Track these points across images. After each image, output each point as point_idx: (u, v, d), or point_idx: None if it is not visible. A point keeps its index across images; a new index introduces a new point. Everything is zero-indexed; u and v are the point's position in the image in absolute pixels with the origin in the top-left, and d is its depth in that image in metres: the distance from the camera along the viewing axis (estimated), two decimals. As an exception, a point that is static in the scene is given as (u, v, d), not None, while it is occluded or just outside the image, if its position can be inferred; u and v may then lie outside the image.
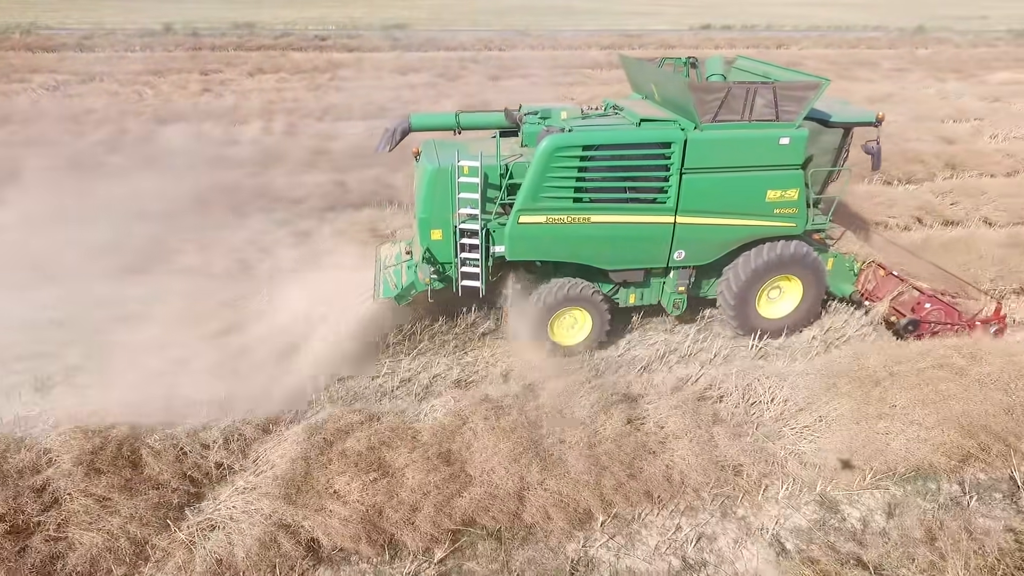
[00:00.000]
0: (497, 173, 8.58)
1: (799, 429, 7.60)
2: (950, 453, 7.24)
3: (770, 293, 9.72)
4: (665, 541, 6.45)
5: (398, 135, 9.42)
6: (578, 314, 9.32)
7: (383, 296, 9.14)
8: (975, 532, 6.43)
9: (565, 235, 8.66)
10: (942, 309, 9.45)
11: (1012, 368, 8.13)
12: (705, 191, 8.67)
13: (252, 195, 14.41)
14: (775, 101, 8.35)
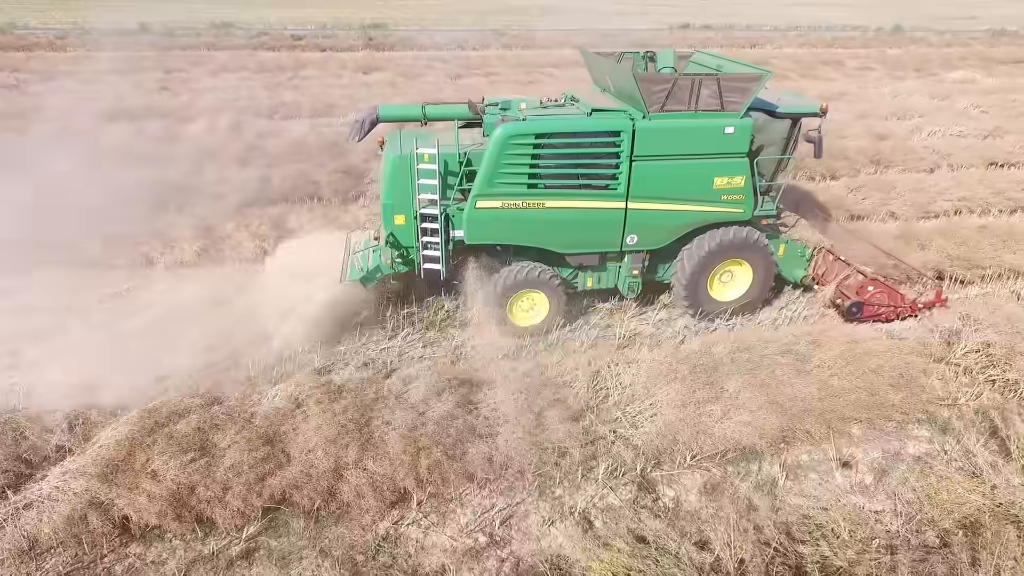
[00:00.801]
0: (456, 160, 9.04)
1: (632, 413, 7.81)
2: (772, 435, 7.46)
3: (722, 277, 10.16)
4: (476, 520, 6.66)
5: (367, 126, 9.80)
6: (536, 297, 9.73)
7: (349, 279, 9.53)
8: (763, 510, 6.61)
9: (521, 220, 9.10)
10: (885, 292, 9.83)
11: (849, 354, 8.37)
12: (654, 178, 9.12)
13: (172, 191, 14.61)
14: (719, 92, 8.80)
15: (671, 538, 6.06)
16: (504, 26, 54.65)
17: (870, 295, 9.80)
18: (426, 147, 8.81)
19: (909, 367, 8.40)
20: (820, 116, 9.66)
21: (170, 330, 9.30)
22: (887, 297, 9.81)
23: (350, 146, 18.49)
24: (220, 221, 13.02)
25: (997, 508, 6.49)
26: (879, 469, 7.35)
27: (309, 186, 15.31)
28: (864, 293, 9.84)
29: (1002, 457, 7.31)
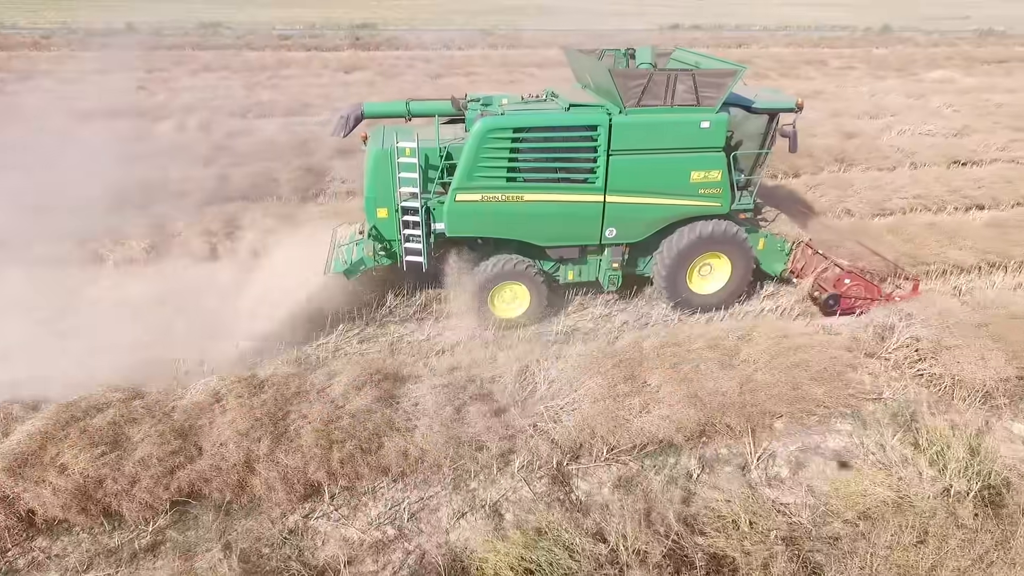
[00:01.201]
0: (436, 154, 9.21)
1: (555, 408, 7.84)
2: (690, 429, 7.49)
3: (701, 270, 10.29)
4: (387, 513, 6.69)
5: (351, 121, 9.99)
6: (517, 289, 9.88)
7: (333, 271, 9.68)
8: (671, 503, 6.64)
9: (500, 213, 9.25)
10: (861, 285, 9.94)
11: (776, 348, 8.40)
12: (632, 172, 9.26)
13: (132, 190, 14.63)
14: (695, 87, 8.93)
15: (570, 530, 6.09)
16: (493, 26, 54.78)
17: (847, 288, 9.92)
18: (406, 141, 8.96)
19: (836, 362, 8.42)
20: (796, 112, 9.76)
21: (109, 326, 9.36)
22: (864, 290, 9.92)
23: (316, 145, 18.66)
24: (173, 219, 13.04)
25: (900, 500, 6.53)
26: (796, 462, 7.39)
27: (269, 184, 15.36)
28: (841, 286, 9.95)
29: (916, 450, 7.33)
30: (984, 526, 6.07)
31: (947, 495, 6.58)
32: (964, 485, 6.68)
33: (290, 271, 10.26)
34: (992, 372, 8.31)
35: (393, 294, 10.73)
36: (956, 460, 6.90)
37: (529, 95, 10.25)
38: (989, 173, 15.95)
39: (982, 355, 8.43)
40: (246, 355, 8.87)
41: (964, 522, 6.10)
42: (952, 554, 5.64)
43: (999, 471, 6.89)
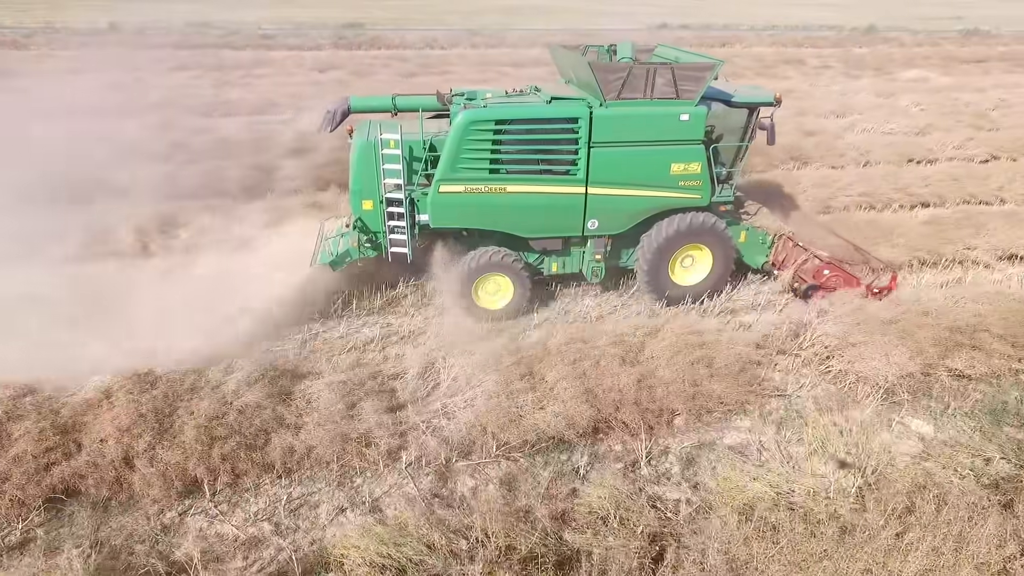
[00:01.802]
0: (420, 146, 9.33)
1: (453, 404, 7.82)
2: (583, 425, 7.46)
3: (683, 262, 10.37)
4: (266, 509, 6.67)
5: (338, 116, 10.05)
6: (501, 280, 9.93)
7: (320, 262, 9.76)
8: (552, 500, 6.62)
9: (483, 204, 9.34)
10: (840, 276, 10.03)
11: (681, 344, 8.39)
12: (613, 164, 9.37)
13: (75, 188, 14.58)
14: (674, 80, 9.06)
15: (438, 526, 6.06)
16: (483, 26, 54.79)
17: (826, 279, 10.01)
18: (390, 133, 9.06)
19: (741, 359, 8.41)
20: (774, 106, 9.90)
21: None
22: (843, 281, 10.00)
23: (271, 143, 18.65)
24: (110, 217, 13.00)
25: (777, 496, 6.50)
26: (687, 459, 7.36)
27: (217, 183, 15.30)
28: (820, 277, 10.04)
29: (805, 447, 7.31)
30: (842, 523, 6.04)
31: (823, 492, 6.55)
32: (847, 481, 6.66)
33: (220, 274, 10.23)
34: (895, 368, 8.30)
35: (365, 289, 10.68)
36: (837, 457, 6.88)
37: (513, 89, 10.36)
38: (938, 171, 15.92)
39: (887, 352, 8.43)
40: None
41: (820, 518, 6.07)
42: (787, 550, 5.61)
43: (882, 468, 6.86)
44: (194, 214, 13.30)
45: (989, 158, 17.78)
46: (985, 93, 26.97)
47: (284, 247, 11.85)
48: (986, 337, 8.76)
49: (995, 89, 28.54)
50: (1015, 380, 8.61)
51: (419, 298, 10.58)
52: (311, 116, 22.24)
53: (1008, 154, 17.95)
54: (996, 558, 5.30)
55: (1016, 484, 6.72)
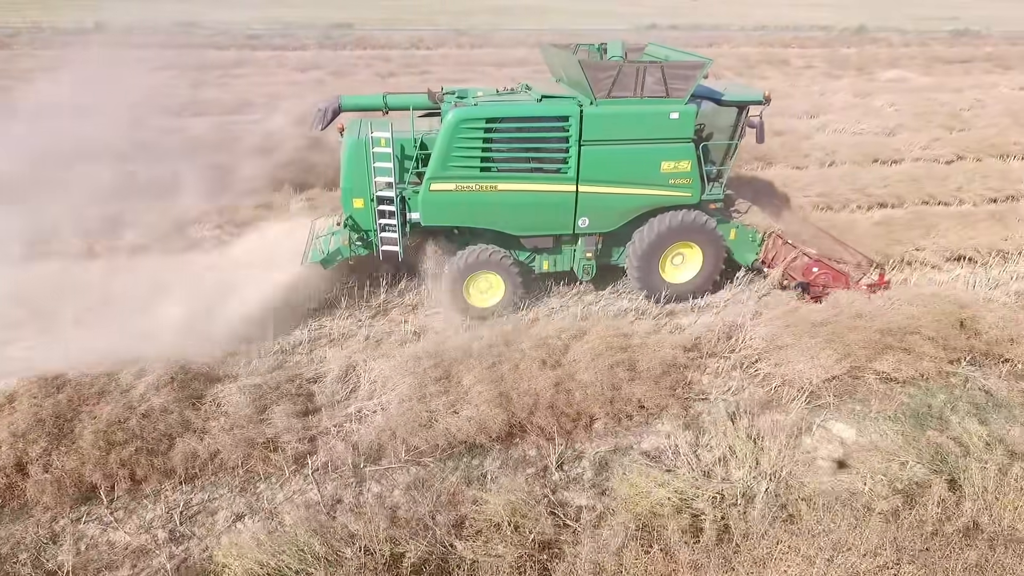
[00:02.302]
0: (412, 144, 9.36)
1: (367, 408, 7.70)
2: (496, 430, 7.34)
3: (673, 259, 10.38)
4: (161, 516, 6.55)
5: (329, 115, 10.06)
6: (492, 278, 9.93)
7: (311, 260, 9.78)
8: (454, 507, 6.50)
9: (474, 202, 9.35)
10: (829, 273, 10.04)
11: (604, 347, 8.26)
12: (603, 162, 9.39)
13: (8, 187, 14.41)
14: (664, 79, 9.08)
15: (326, 533, 5.94)
16: (471, 26, 54.72)
17: (815, 276, 10.01)
18: (381, 131, 9.04)
19: (667, 361, 8.28)
20: (764, 104, 9.91)
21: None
22: (832, 278, 10.00)
23: (237, 144, 18.53)
24: (56, 217, 12.86)
25: (681, 502, 6.38)
26: (600, 464, 7.24)
27: (163, 183, 15.14)
28: (809, 274, 10.04)
29: (708, 451, 7.18)
30: (728, 531, 5.93)
31: (728, 498, 6.44)
32: (758, 486, 6.56)
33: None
34: (820, 371, 8.19)
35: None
36: (745, 462, 6.78)
37: (504, 88, 10.35)
38: (899, 172, 15.82)
39: (813, 354, 8.32)
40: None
41: (704, 526, 5.97)
42: (657, 559, 5.50)
43: (796, 473, 6.75)
44: (143, 215, 13.18)
45: (954, 158, 17.68)
46: (962, 93, 26.87)
47: (237, 249, 11.79)
48: (917, 340, 8.64)
49: (973, 89, 28.46)
50: (944, 383, 8.50)
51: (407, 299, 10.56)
52: (282, 116, 22.23)
53: (974, 154, 17.86)
54: (869, 566, 5.19)
55: (926, 489, 6.61)
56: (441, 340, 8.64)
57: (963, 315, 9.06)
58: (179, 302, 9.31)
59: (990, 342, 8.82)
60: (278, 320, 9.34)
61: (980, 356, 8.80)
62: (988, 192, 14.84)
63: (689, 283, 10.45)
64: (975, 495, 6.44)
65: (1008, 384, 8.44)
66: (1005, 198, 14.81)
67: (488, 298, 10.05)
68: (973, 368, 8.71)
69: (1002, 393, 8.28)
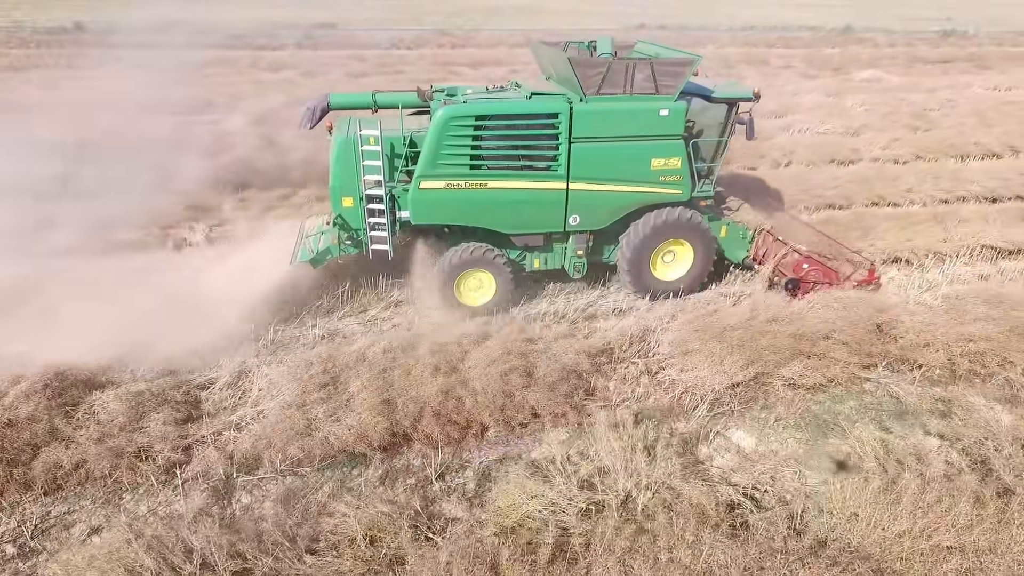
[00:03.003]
0: (401, 142, 9.33)
1: (247, 416, 7.45)
2: (378, 438, 7.09)
3: (664, 257, 10.34)
4: (13, 529, 6.28)
5: (318, 113, 10.04)
6: (483, 276, 9.87)
7: (300, 260, 9.70)
8: (317, 518, 6.24)
9: (464, 200, 9.29)
10: (819, 270, 10.01)
11: (503, 352, 8.00)
12: (593, 159, 9.33)
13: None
14: (653, 76, 9.03)
15: (170, 547, 5.68)
16: (457, 26, 54.54)
17: (805, 272, 9.97)
18: (370, 129, 8.97)
19: (568, 367, 8.02)
20: (753, 101, 9.85)
21: None
22: (822, 274, 9.97)
23: (185, 143, 18.26)
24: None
25: (553, 514, 6.12)
26: (484, 474, 6.99)
27: (104, 183, 14.86)
28: (800, 271, 10.00)
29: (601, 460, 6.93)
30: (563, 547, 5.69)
31: (595, 510, 6.19)
32: (636, 498, 6.31)
33: None
34: (724, 378, 7.95)
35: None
36: (631, 473, 6.52)
37: (494, 85, 10.26)
38: (852, 172, 15.59)
39: (720, 359, 8.08)
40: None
41: (545, 541, 5.73)
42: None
43: (671, 486, 6.49)
44: (67, 214, 12.90)
45: (912, 159, 17.45)
46: (935, 94, 26.66)
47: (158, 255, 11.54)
48: (830, 345, 8.40)
49: (947, 90, 28.27)
50: (857, 389, 8.26)
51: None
52: (240, 117, 21.99)
53: (933, 155, 17.64)
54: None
55: (790, 503, 6.35)
56: (337, 345, 8.36)
57: (881, 319, 8.82)
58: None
59: (906, 347, 8.58)
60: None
61: (895, 361, 8.56)
62: (938, 193, 14.60)
63: (680, 280, 10.41)
64: (835, 510, 6.19)
65: (919, 390, 8.20)
66: (955, 199, 14.58)
67: (479, 296, 9.98)
68: (887, 374, 8.47)
69: (911, 400, 8.03)
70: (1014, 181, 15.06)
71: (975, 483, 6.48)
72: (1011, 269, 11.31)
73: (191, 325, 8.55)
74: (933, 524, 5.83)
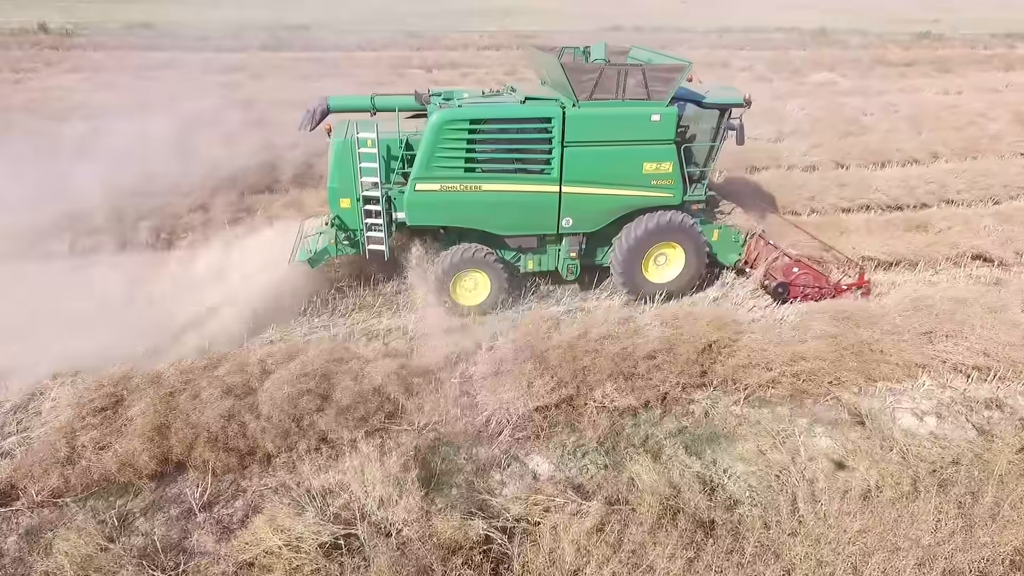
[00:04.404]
0: (397, 145, 9.55)
1: (13, 442, 7.12)
2: (145, 465, 6.76)
3: (656, 259, 10.49)
4: None
5: (317, 115, 10.18)
6: (478, 276, 10.07)
7: (299, 259, 9.91)
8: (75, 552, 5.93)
9: (459, 202, 9.47)
10: (809, 273, 10.21)
11: (298, 372, 7.66)
12: (586, 163, 9.52)
13: None
14: (645, 81, 9.21)
15: None
16: (429, 28, 54.17)
17: (795, 276, 10.15)
18: (367, 132, 9.16)
19: (366, 391, 7.65)
20: (744, 107, 10.00)
21: None
22: (812, 278, 10.14)
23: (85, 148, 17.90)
24: None
25: (298, 548, 5.80)
26: (254, 505, 6.66)
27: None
28: (790, 274, 10.16)
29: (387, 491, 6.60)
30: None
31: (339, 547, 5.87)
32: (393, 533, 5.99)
33: None
34: (533, 400, 7.63)
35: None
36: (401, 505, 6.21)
37: (490, 90, 10.46)
38: (761, 179, 15.31)
39: (531, 381, 7.76)
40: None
41: None
42: None
43: (431, 519, 6.16)
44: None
45: (832, 166, 17.16)
46: (881, 97, 26.42)
47: None
48: (655, 364, 8.09)
49: (898, 93, 28.08)
50: (681, 411, 7.95)
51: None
52: (160, 121, 21.61)
53: (853, 161, 17.36)
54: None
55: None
56: (132, 366, 8.00)
57: (714, 337, 8.51)
58: None
59: (734, 367, 8.27)
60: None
61: (720, 382, 8.24)
62: (840, 202, 14.32)
63: (672, 283, 10.55)
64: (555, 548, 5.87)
65: (739, 412, 7.89)
66: (858, 208, 14.30)
67: (474, 296, 10.17)
68: (709, 395, 8.16)
69: (730, 423, 7.72)
70: (919, 189, 14.79)
71: (690, 524, 6.12)
72: (884, 282, 11.01)
73: None
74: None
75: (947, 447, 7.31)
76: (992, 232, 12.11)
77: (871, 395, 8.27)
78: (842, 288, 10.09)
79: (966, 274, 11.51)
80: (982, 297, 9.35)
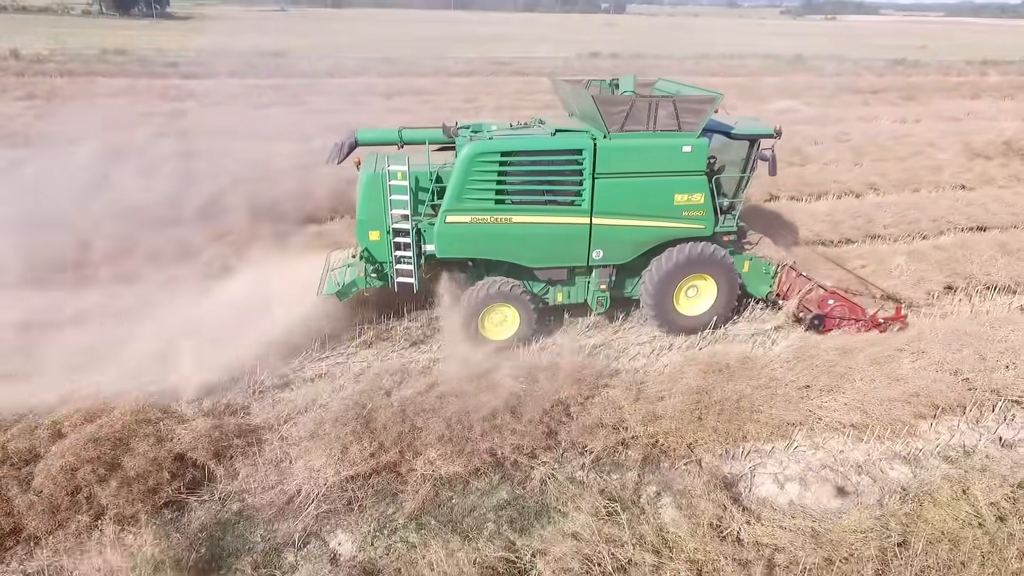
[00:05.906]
0: (427, 177, 9.53)
1: None
2: None
3: (687, 292, 10.31)
4: None
5: (345, 148, 10.19)
6: (507, 311, 9.86)
7: (327, 292, 9.79)
8: None
9: (489, 234, 9.39)
10: (845, 305, 9.95)
11: (85, 438, 6.92)
12: (617, 194, 9.42)
13: None
14: (676, 113, 9.09)
15: None
16: (405, 55, 54.16)
17: (831, 308, 9.92)
18: (398, 165, 9.11)
19: (162, 458, 6.88)
20: (775, 137, 9.84)
21: None
22: (847, 310, 9.91)
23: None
24: None
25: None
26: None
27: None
28: (825, 306, 9.95)
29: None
30: None
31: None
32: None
33: None
34: (344, 468, 6.88)
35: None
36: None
37: (518, 122, 10.31)
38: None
39: (345, 446, 7.03)
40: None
41: None
42: None
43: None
44: None
45: (765, 198, 16.60)
46: (836, 126, 26.01)
47: None
48: (492, 425, 7.37)
49: (854, 121, 27.69)
50: (521, 476, 7.18)
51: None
52: (92, 148, 21.01)
53: (788, 193, 16.80)
54: None
55: None
56: None
57: (565, 394, 7.80)
58: None
59: (582, 428, 7.54)
60: None
61: (568, 444, 7.50)
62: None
63: (703, 315, 10.37)
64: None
65: (584, 478, 7.12)
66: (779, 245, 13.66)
67: (503, 331, 9.93)
68: (557, 457, 7.41)
69: (567, 493, 6.93)
70: (845, 224, 14.21)
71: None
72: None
73: None
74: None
75: (788, 527, 6.47)
76: (904, 272, 11.49)
77: (736, 457, 7.54)
78: (878, 321, 9.76)
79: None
80: (869, 347, 8.68)
